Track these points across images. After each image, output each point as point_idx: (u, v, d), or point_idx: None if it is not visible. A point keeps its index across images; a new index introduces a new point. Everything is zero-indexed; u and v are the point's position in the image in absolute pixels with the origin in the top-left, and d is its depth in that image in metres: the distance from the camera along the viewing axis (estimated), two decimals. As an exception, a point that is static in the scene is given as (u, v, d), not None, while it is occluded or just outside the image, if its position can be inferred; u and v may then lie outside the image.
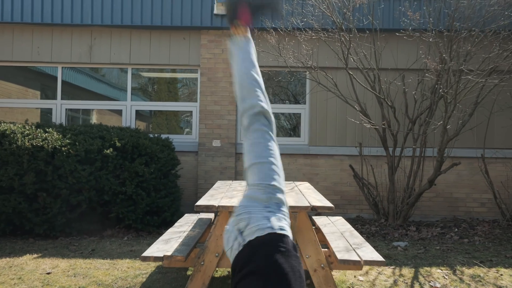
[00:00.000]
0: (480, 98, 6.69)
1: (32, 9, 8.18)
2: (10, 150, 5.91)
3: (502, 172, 8.09)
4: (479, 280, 4.62)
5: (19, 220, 6.05)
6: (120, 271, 4.67)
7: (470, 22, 6.33)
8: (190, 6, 8.20)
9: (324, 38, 6.89)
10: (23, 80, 8.92)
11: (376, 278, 4.64)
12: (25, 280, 4.33)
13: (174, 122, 9.02)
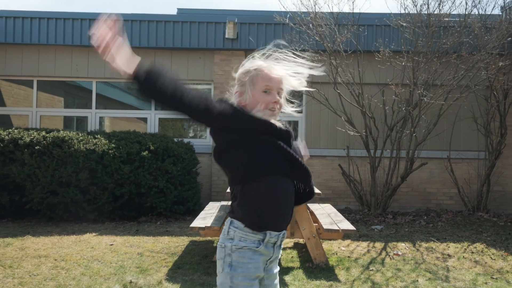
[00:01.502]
0: (441, 111, 8.30)
1: (72, 33, 9.75)
2: (68, 153, 7.50)
3: (466, 170, 9.67)
4: (431, 250, 6.21)
5: (75, 208, 7.63)
6: (163, 244, 6.25)
7: (429, 53, 7.94)
8: (205, 31, 9.79)
9: (317, 61, 8.45)
10: (63, 93, 10.51)
11: (355, 249, 6.23)
12: (96, 249, 5.92)
13: (190, 127, 10.60)
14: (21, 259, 5.34)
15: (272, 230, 1.97)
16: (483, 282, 4.84)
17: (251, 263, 1.98)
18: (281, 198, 1.98)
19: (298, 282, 4.69)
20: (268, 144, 1.98)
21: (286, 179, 1.99)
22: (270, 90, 2.09)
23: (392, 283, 4.76)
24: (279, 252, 2.09)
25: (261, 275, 2.00)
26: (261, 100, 2.07)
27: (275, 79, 2.10)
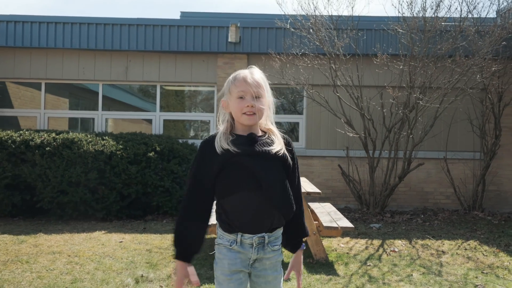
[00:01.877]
0: (438, 114, 8.59)
1: (80, 37, 10.04)
2: (78, 154, 7.79)
3: (462, 170, 9.95)
4: (426, 247, 6.50)
5: (84, 207, 7.92)
6: (170, 241, 6.54)
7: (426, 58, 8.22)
8: (208, 35, 10.07)
9: (317, 65, 8.76)
10: (69, 95, 10.81)
11: (353, 245, 6.52)
12: (106, 245, 6.20)
13: (193, 129, 10.89)
14: (37, 255, 5.63)
15: (243, 232, 2.19)
16: (473, 277, 5.13)
17: (225, 259, 2.22)
18: (249, 209, 2.17)
19: (300, 276, 4.97)
20: (235, 166, 2.16)
21: (255, 193, 2.15)
22: (244, 95, 2.18)
23: (388, 277, 5.05)
24: (265, 253, 2.23)
25: (242, 270, 2.22)
26: (237, 107, 2.19)
27: (249, 83, 2.17)
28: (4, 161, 7.85)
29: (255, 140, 2.20)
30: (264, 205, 2.16)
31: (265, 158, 2.18)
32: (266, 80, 2.25)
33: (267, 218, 2.18)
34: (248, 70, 2.23)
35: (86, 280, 4.70)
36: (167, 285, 4.60)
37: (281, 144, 2.25)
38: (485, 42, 8.00)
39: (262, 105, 2.19)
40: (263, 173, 2.15)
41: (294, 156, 2.34)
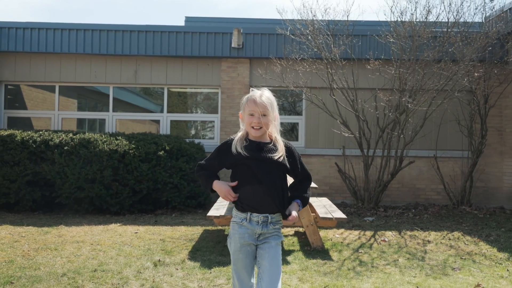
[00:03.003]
0: (427, 115, 9.24)
1: (92, 43, 10.67)
2: (94, 152, 8.43)
3: (452, 168, 10.60)
4: (414, 237, 7.14)
5: (99, 202, 8.57)
6: (180, 232, 7.19)
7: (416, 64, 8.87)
8: (213, 41, 10.71)
9: (315, 70, 9.40)
10: (81, 97, 11.45)
11: (348, 236, 7.16)
12: (123, 236, 6.85)
13: (198, 129, 11.53)
14: (63, 244, 6.28)
15: (252, 212, 2.91)
16: (452, 261, 5.78)
17: (236, 233, 2.94)
18: (255, 198, 2.89)
19: (298, 261, 5.62)
20: (244, 167, 2.90)
21: (259, 187, 2.88)
22: (253, 113, 2.90)
23: (376, 262, 5.70)
24: (268, 229, 2.92)
25: (250, 243, 2.93)
26: (247, 121, 2.93)
27: (257, 104, 2.88)
28: (25, 160, 8.50)
29: (261, 148, 2.91)
30: (265, 196, 2.89)
31: (268, 163, 2.89)
32: (273, 100, 2.96)
33: (268, 204, 2.90)
34: (259, 92, 2.94)
35: (111, 264, 5.35)
36: (182, 268, 5.25)
37: (283, 151, 2.94)
38: (469, 50, 8.64)
39: (268, 120, 2.91)
40: (264, 175, 2.87)
41: (296, 157, 3.04)
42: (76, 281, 4.70)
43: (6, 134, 8.64)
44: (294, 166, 3.00)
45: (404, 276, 5.11)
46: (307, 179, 3.09)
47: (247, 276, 2.95)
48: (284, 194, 2.97)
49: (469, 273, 5.31)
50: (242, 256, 2.93)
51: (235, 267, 2.97)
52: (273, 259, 2.88)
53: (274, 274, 2.85)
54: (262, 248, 2.93)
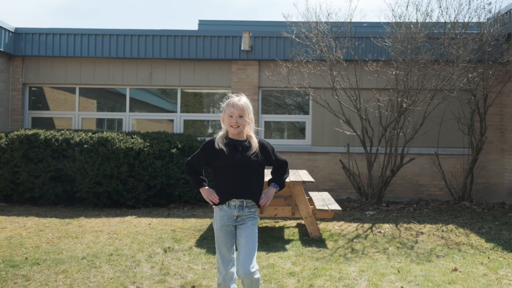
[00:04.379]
0: (426, 114, 9.69)
1: (109, 47, 11.32)
2: (111, 150, 9.05)
3: (453, 165, 10.99)
4: (409, 229, 7.60)
5: (116, 196, 9.19)
6: (190, 223, 7.76)
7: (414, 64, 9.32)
8: (223, 44, 11.28)
9: (319, 72, 9.91)
10: (100, 98, 12.12)
11: (346, 228, 7.65)
12: (138, 226, 7.45)
13: (211, 128, 12.11)
14: (83, 233, 6.90)
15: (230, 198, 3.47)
16: (439, 250, 6.25)
17: (217, 216, 3.55)
18: (232, 185, 3.46)
19: (295, 248, 6.15)
20: (224, 161, 3.46)
21: (235, 178, 3.46)
22: (232, 114, 3.46)
23: (367, 250, 6.20)
24: (244, 212, 3.50)
25: (228, 224, 3.50)
26: (227, 121, 3.50)
27: (235, 107, 3.45)
28: (48, 157, 9.17)
29: (238, 147, 3.47)
30: (240, 186, 3.48)
31: (243, 157, 3.45)
32: (249, 104, 3.52)
33: (242, 192, 3.48)
34: (237, 97, 3.51)
35: (125, 249, 5.95)
36: (189, 254, 5.81)
37: (256, 147, 3.49)
38: (465, 52, 9.07)
39: (244, 121, 3.46)
40: (239, 170, 3.46)
41: (269, 150, 3.59)
42: (94, 263, 5.30)
43: (31, 133, 9.31)
44: (269, 158, 3.56)
45: (389, 262, 5.61)
46: (283, 165, 3.65)
47: (227, 251, 3.51)
48: (257, 184, 3.55)
49: (451, 260, 5.78)
50: (222, 234, 3.51)
51: (217, 244, 3.55)
52: (249, 237, 3.44)
53: (250, 249, 3.40)
54: (240, 228, 3.51)
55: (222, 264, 3.50)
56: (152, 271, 5.10)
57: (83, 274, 4.93)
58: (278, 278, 4.86)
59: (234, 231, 3.54)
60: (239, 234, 3.50)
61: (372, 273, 5.08)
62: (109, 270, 5.08)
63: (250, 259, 3.37)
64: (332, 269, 5.18)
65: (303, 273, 5.03)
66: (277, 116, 11.76)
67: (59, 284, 4.61)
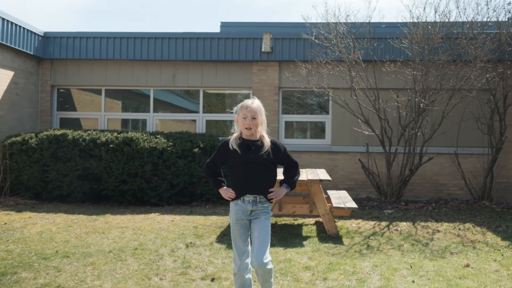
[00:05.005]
0: (445, 114, 9.78)
1: (134, 50, 11.67)
2: (136, 150, 9.38)
3: (473, 164, 11.03)
4: (426, 227, 7.73)
5: (141, 194, 9.51)
6: (212, 220, 8.02)
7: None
8: (244, 46, 11.53)
9: (338, 72, 10.08)
10: (125, 99, 12.48)
11: (363, 225, 7.82)
12: (161, 223, 7.74)
13: (231, 127, 12.37)
14: (109, 229, 7.22)
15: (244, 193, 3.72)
16: (453, 247, 6.38)
17: (233, 211, 3.81)
18: (245, 182, 3.72)
19: (312, 245, 6.36)
20: (238, 160, 3.71)
21: (248, 175, 3.72)
22: (245, 117, 3.70)
23: (382, 246, 6.37)
24: (257, 207, 3.73)
25: (243, 218, 3.75)
26: (241, 123, 3.74)
27: (249, 110, 3.69)
28: (76, 156, 9.54)
29: (251, 146, 3.71)
30: (254, 183, 3.71)
31: (256, 156, 3.68)
32: (261, 107, 3.75)
33: (256, 188, 3.71)
34: (251, 101, 3.73)
35: (149, 244, 6.24)
36: (210, 249, 6.07)
37: (268, 146, 3.72)
38: (482, 52, 9.14)
39: (257, 122, 3.69)
40: (252, 168, 3.71)
41: (281, 149, 3.80)
42: (120, 256, 5.60)
43: (59, 133, 9.71)
44: (280, 156, 3.79)
45: (403, 258, 5.77)
46: (293, 166, 3.86)
47: (242, 243, 3.76)
48: (270, 181, 3.79)
49: (465, 256, 5.91)
50: (237, 227, 3.77)
51: (233, 236, 3.80)
52: (262, 230, 3.67)
53: (263, 241, 3.64)
54: (254, 222, 3.75)
55: (237, 255, 3.74)
56: (175, 264, 5.36)
57: (110, 266, 5.23)
58: (294, 272, 5.08)
59: (248, 225, 3.78)
60: (253, 228, 3.73)
61: (385, 268, 5.26)
62: (134, 263, 5.37)
63: (263, 251, 3.60)
64: (346, 264, 5.38)
65: (318, 267, 5.24)
66: (297, 116, 11.96)
67: (87, 275, 4.91)
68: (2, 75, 10.55)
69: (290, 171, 3.90)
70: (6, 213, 8.41)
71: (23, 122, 11.40)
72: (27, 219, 7.91)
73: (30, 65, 11.62)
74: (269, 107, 11.61)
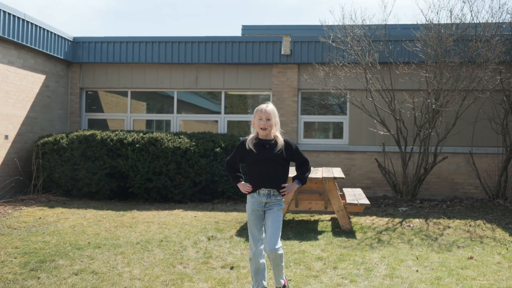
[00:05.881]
0: (458, 114, 10.05)
1: (159, 54, 12.19)
2: (160, 149, 9.87)
3: (488, 164, 11.24)
4: (437, 224, 8.03)
5: (165, 192, 10.00)
6: (232, 216, 8.45)
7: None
8: (265, 49, 11.95)
9: (354, 75, 10.43)
10: (150, 100, 13.02)
11: (377, 222, 8.16)
12: (184, 218, 8.21)
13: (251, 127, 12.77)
14: (136, 223, 7.71)
15: (260, 187, 4.14)
16: (461, 242, 6.69)
17: (249, 202, 4.25)
18: (261, 178, 4.16)
19: (326, 239, 6.74)
20: (254, 159, 4.16)
21: (263, 172, 4.16)
22: (261, 118, 4.12)
23: (393, 241, 6.71)
24: (271, 199, 4.15)
25: (258, 209, 4.18)
26: (257, 124, 4.17)
27: (263, 112, 4.12)
28: (104, 155, 10.08)
29: (265, 146, 4.13)
30: (268, 178, 4.12)
31: (270, 154, 4.11)
32: (275, 110, 4.18)
33: (270, 183, 4.12)
34: (265, 104, 4.15)
35: (173, 237, 6.70)
36: (230, 242, 6.50)
37: (281, 145, 4.14)
38: (494, 54, 9.40)
39: (271, 123, 4.11)
40: (266, 164, 4.14)
41: (293, 147, 4.22)
42: (147, 247, 6.08)
43: (88, 134, 10.27)
44: (292, 154, 4.22)
45: (411, 251, 6.12)
46: (304, 163, 4.26)
47: (257, 231, 4.21)
48: (282, 176, 4.20)
49: (471, 250, 6.23)
50: (253, 217, 4.21)
51: (249, 225, 4.24)
52: (274, 220, 4.10)
53: (275, 229, 4.07)
54: (268, 213, 4.18)
55: (253, 242, 4.17)
56: (197, 255, 5.81)
57: (138, 256, 5.70)
58: (307, 262, 5.48)
59: (263, 215, 4.20)
60: (267, 218, 4.15)
61: (392, 259, 5.62)
62: (159, 253, 5.83)
63: (275, 238, 4.03)
64: (356, 255, 5.76)
65: (329, 258, 5.63)
66: (316, 117, 12.32)
67: (118, 263, 5.39)
68: (35, 78, 11.16)
69: (302, 168, 4.33)
70: (40, 208, 8.98)
71: (54, 123, 12.00)
72: (60, 214, 8.46)
73: (60, 68, 12.23)
74: (288, 108, 12.01)
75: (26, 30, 10.51)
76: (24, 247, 6.05)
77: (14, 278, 4.84)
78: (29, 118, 11.00)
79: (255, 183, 4.18)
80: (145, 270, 5.13)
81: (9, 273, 4.99)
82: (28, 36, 10.58)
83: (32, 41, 10.74)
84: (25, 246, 6.08)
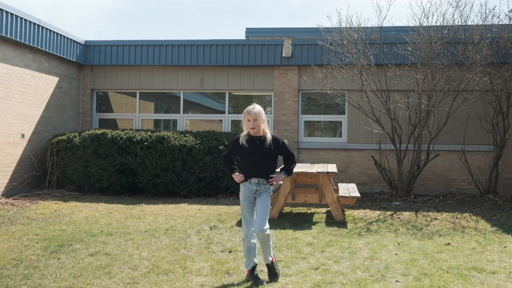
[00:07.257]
0: (450, 113, 10.58)
1: (166, 56, 12.81)
2: (167, 147, 10.49)
3: (480, 161, 11.76)
4: (426, 216, 8.57)
5: (172, 187, 10.62)
6: (234, 209, 9.04)
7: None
8: (266, 52, 12.53)
9: (351, 76, 10.99)
10: (157, 101, 13.66)
11: (370, 214, 8.71)
12: (189, 211, 8.81)
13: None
14: (144, 215, 8.33)
15: (251, 177, 4.75)
16: (444, 232, 7.24)
17: (242, 190, 4.88)
18: (251, 169, 4.77)
19: (318, 228, 7.32)
20: (246, 153, 4.77)
21: (253, 163, 4.76)
22: (248, 120, 4.72)
23: (381, 230, 7.28)
24: (261, 187, 4.77)
25: (249, 196, 4.79)
26: (246, 124, 4.77)
27: (250, 114, 4.69)
28: (114, 153, 10.71)
29: (256, 141, 4.72)
30: (258, 169, 4.72)
31: (260, 149, 4.70)
32: (261, 110, 4.77)
33: (259, 173, 4.73)
34: (252, 106, 4.75)
35: (178, 226, 7.31)
36: (230, 231, 7.10)
37: (269, 140, 4.75)
38: (481, 55, 9.93)
39: (258, 123, 4.70)
40: (257, 157, 4.71)
41: (280, 143, 4.83)
42: (154, 235, 6.69)
43: (99, 132, 10.91)
44: (279, 148, 4.82)
45: (395, 238, 6.68)
46: (290, 157, 4.87)
47: (248, 215, 4.81)
48: (270, 167, 4.80)
49: (451, 238, 6.78)
50: (245, 203, 4.81)
51: (242, 210, 4.84)
52: (263, 205, 4.72)
53: (264, 213, 4.69)
54: (258, 199, 4.79)
55: (245, 224, 4.77)
56: (200, 241, 6.41)
57: (146, 241, 6.32)
58: (298, 246, 6.07)
59: (253, 201, 4.80)
60: (257, 203, 4.76)
61: (376, 245, 6.20)
62: (166, 240, 6.45)
63: (263, 220, 4.63)
64: (343, 242, 6.34)
65: (319, 244, 6.22)
66: (315, 116, 12.89)
67: (128, 247, 6.01)
68: (49, 80, 11.82)
69: (288, 161, 4.93)
70: (55, 202, 9.63)
71: (67, 123, 12.66)
72: (73, 207, 9.10)
73: (72, 71, 12.88)
74: (289, 108, 12.60)
75: (41, 35, 11.16)
76: (43, 234, 6.69)
77: (37, 259, 5.47)
78: (44, 117, 11.65)
79: (247, 173, 4.78)
80: (152, 253, 5.74)
81: (32, 254, 5.63)
82: (43, 41, 11.24)
83: (47, 45, 11.40)
84: (45, 234, 6.72)
